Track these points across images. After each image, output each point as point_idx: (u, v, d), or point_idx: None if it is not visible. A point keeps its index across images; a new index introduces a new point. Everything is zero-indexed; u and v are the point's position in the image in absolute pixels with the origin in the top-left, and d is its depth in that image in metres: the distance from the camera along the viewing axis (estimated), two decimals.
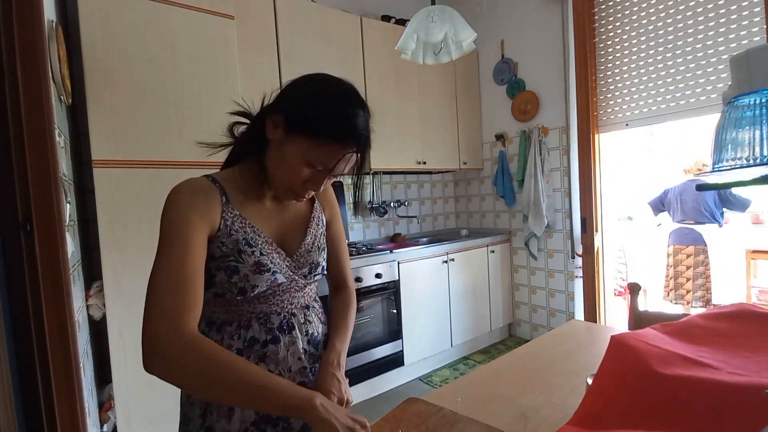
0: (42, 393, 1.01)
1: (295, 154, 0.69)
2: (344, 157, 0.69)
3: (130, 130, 1.57)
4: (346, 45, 2.67)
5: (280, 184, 0.74)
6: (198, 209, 0.68)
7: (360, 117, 0.69)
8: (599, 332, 1.25)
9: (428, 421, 0.76)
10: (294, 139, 0.69)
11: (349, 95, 0.71)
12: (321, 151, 0.68)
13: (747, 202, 3.12)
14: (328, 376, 0.76)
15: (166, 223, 0.66)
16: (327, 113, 0.68)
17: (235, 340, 0.75)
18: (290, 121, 0.69)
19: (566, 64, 2.83)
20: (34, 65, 1.02)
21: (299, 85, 0.73)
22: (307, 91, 0.72)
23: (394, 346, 2.62)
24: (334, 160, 0.69)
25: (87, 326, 1.52)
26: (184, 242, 0.64)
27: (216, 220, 0.70)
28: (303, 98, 0.71)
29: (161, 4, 1.64)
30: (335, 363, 0.78)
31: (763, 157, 0.61)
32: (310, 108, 0.68)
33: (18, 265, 0.99)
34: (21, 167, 0.99)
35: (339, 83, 0.72)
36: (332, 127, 0.67)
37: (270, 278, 0.74)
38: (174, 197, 0.68)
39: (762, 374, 0.62)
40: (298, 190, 0.73)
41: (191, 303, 0.62)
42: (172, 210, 0.67)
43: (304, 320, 0.82)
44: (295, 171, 0.70)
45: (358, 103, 0.70)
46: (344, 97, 0.70)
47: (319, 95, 0.70)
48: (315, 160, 0.69)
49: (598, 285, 2.77)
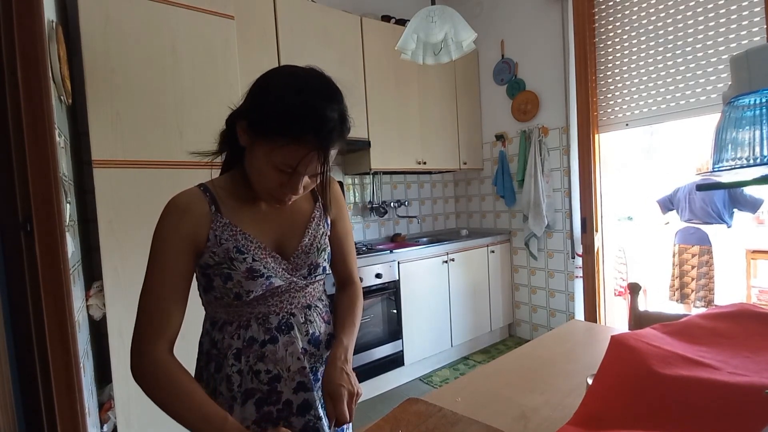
0: (42, 393, 1.01)
1: (262, 158, 0.67)
2: (306, 157, 0.65)
3: (130, 130, 1.57)
4: (346, 45, 2.67)
5: (259, 190, 0.73)
6: (183, 232, 0.70)
7: (320, 111, 0.64)
8: (599, 332, 1.25)
9: (428, 421, 0.76)
10: (258, 144, 0.67)
11: (311, 87, 0.66)
12: (283, 153, 0.65)
13: (758, 202, 3.04)
14: (336, 370, 0.76)
15: (153, 242, 0.71)
16: (282, 112, 0.64)
17: (235, 340, 0.76)
18: (252, 126, 0.67)
19: (566, 64, 2.83)
20: (34, 65, 1.02)
21: (260, 85, 0.70)
22: (265, 91, 0.68)
23: (394, 346, 2.62)
24: (296, 161, 0.65)
25: (87, 326, 1.52)
26: (163, 266, 0.70)
27: (203, 234, 0.72)
28: (261, 99, 0.68)
29: (161, 5, 1.64)
30: (342, 357, 0.78)
31: (763, 156, 0.61)
32: (267, 109, 0.65)
33: (18, 265, 0.98)
34: (21, 167, 0.99)
35: (300, 75, 0.68)
36: (289, 127, 0.64)
37: (264, 283, 0.74)
38: (164, 216, 0.71)
39: (762, 374, 0.62)
40: (277, 194, 0.72)
41: (163, 326, 0.68)
42: (158, 231, 0.71)
43: (305, 320, 0.81)
44: (266, 176, 0.69)
45: (321, 95, 0.65)
46: (303, 91, 0.65)
47: (276, 93, 0.66)
48: (280, 163, 0.66)
49: (598, 285, 2.77)
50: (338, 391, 0.73)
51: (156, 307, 0.68)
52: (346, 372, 0.76)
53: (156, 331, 0.68)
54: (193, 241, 0.71)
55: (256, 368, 0.76)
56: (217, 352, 0.77)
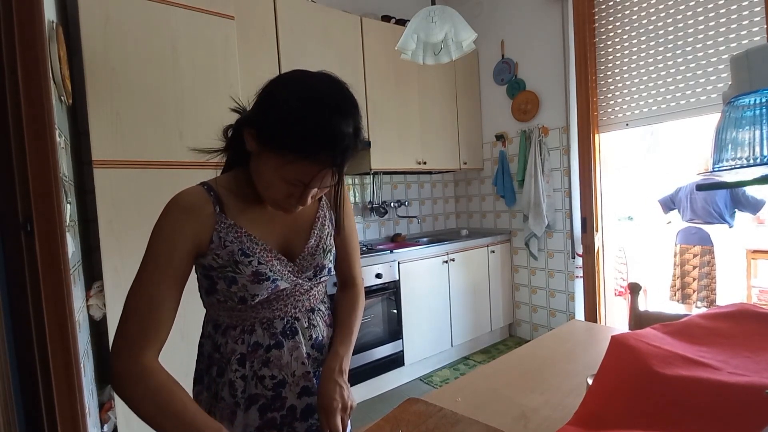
0: (42, 393, 1.01)
1: (271, 170, 0.65)
2: (320, 174, 0.63)
3: (130, 130, 1.57)
4: (346, 45, 2.67)
5: (266, 197, 0.71)
6: (185, 231, 0.67)
7: (336, 128, 0.61)
8: (599, 332, 1.25)
9: (428, 421, 0.76)
10: (267, 155, 0.64)
11: (325, 100, 0.62)
12: (294, 168, 0.63)
13: (760, 203, 3.02)
14: (330, 383, 0.76)
15: (152, 239, 0.67)
16: (296, 128, 0.60)
17: (239, 344, 0.75)
18: (261, 136, 0.64)
19: (566, 64, 2.83)
20: (35, 65, 1.02)
21: (271, 92, 0.66)
22: (277, 100, 0.64)
23: (395, 346, 2.62)
24: (308, 177, 0.63)
25: (87, 326, 1.52)
26: (162, 265, 0.65)
27: (206, 235, 0.69)
28: (273, 109, 0.63)
29: (161, 5, 1.64)
30: (337, 369, 0.78)
31: (763, 156, 0.61)
32: (279, 121, 0.62)
33: (18, 265, 0.98)
34: (21, 167, 0.99)
35: (313, 86, 0.64)
36: (302, 144, 0.60)
37: (270, 286, 0.72)
38: (166, 213, 0.68)
39: (762, 374, 0.62)
40: (283, 204, 0.70)
41: (154, 330, 0.63)
42: (160, 227, 0.67)
43: (308, 324, 0.81)
44: (273, 187, 0.67)
45: (336, 110, 0.62)
46: (318, 105, 0.61)
47: (288, 105, 0.62)
48: (290, 178, 0.64)
49: (599, 285, 2.77)
50: (331, 405, 0.73)
51: (149, 310, 0.63)
52: (340, 384, 0.76)
53: (147, 336, 0.63)
54: (195, 242, 0.69)
55: (260, 374, 0.75)
56: (220, 357, 0.76)
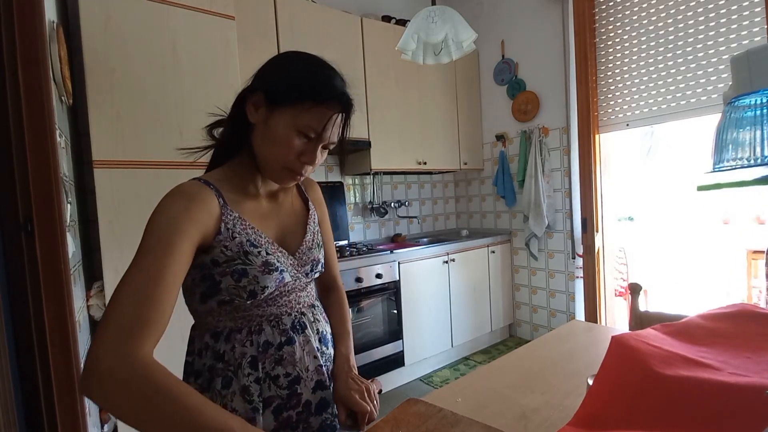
0: (42, 393, 1.01)
1: (284, 126, 0.68)
2: (331, 119, 0.69)
3: (131, 130, 1.57)
4: (346, 45, 2.67)
5: (275, 165, 0.71)
6: (193, 217, 0.63)
7: (338, 79, 0.71)
8: (600, 333, 1.25)
9: (428, 421, 0.76)
10: (279, 112, 0.68)
11: (323, 62, 0.73)
12: (308, 116, 0.68)
13: None
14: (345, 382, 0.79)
15: (154, 226, 0.60)
16: (306, 79, 0.69)
17: (248, 347, 0.72)
18: (271, 96, 0.69)
19: (566, 64, 2.83)
20: (35, 66, 1.02)
21: (271, 64, 0.75)
22: (280, 66, 0.74)
23: (395, 346, 2.62)
24: (322, 124, 0.68)
25: (88, 326, 1.52)
26: (169, 250, 0.58)
27: (213, 225, 0.67)
28: (279, 72, 0.72)
29: (161, 5, 1.64)
30: (347, 368, 0.81)
31: (763, 157, 0.61)
32: (289, 78, 0.70)
33: (19, 265, 0.99)
34: (22, 167, 0.99)
35: (309, 54, 0.74)
36: (314, 90, 0.68)
37: (278, 277, 0.72)
38: (168, 201, 0.63)
39: (763, 375, 0.62)
40: (294, 165, 0.71)
41: (155, 322, 0.54)
42: (163, 214, 0.61)
43: (314, 319, 0.82)
44: (286, 144, 0.68)
45: (335, 71, 0.72)
46: (318, 64, 0.72)
47: (293, 66, 0.72)
48: (304, 127, 0.68)
49: (599, 285, 2.77)
50: (351, 397, 0.76)
51: (150, 298, 0.54)
52: (352, 378, 0.80)
53: (146, 328, 0.53)
54: (201, 231, 0.64)
55: (274, 373, 0.73)
56: (224, 365, 0.71)
